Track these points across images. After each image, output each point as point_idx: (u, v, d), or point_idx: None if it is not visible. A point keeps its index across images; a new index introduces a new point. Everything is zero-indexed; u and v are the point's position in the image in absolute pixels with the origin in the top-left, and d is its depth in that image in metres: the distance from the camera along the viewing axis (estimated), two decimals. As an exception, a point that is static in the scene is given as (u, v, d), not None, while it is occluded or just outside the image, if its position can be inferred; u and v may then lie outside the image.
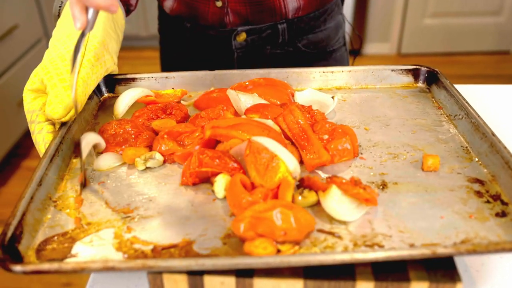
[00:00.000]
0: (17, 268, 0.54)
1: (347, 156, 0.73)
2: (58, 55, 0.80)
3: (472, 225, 0.62)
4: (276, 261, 0.54)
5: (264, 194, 0.64)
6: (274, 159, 0.67)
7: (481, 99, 1.02)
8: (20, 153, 2.49)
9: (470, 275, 0.64)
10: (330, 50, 1.14)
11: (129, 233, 0.62)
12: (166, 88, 0.94)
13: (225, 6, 1.00)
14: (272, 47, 1.07)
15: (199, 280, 0.57)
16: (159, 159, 0.74)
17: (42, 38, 2.65)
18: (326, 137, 0.75)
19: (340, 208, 0.62)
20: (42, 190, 0.66)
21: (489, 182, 0.70)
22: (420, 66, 0.95)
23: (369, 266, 0.57)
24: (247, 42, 1.05)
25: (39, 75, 0.77)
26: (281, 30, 1.04)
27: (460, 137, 0.80)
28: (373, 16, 3.37)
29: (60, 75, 0.77)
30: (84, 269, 0.54)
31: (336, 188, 0.63)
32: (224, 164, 0.69)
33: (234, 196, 0.64)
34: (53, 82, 0.76)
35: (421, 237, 0.60)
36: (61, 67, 0.78)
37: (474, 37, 3.45)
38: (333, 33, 1.13)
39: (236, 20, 1.02)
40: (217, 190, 0.67)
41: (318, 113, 0.81)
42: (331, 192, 0.63)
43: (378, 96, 0.92)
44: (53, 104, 0.74)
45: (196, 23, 1.06)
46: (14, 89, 2.37)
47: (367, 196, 0.62)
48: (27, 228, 0.61)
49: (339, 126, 0.76)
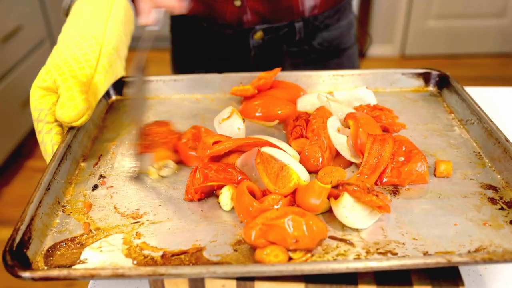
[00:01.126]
0: (26, 275, 0.53)
1: (420, 181, 0.70)
2: (72, 56, 0.79)
3: (487, 233, 0.61)
4: (288, 269, 0.53)
5: (276, 202, 0.63)
6: (284, 169, 0.67)
7: (486, 101, 1.01)
8: (24, 153, 2.49)
9: (473, 279, 0.63)
10: (343, 47, 1.15)
11: (138, 239, 0.61)
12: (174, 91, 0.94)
13: (244, 5, 0.99)
14: (289, 45, 1.08)
15: (200, 283, 0.56)
16: (173, 168, 0.73)
17: (46, 39, 2.64)
18: (401, 159, 0.71)
19: (352, 216, 0.61)
20: (51, 194, 0.65)
21: (503, 188, 0.69)
22: (431, 70, 0.94)
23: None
24: (264, 40, 1.05)
25: (52, 74, 0.76)
26: (298, 28, 1.05)
27: (473, 142, 0.79)
28: (377, 18, 3.35)
29: (75, 78, 0.76)
30: (94, 276, 0.53)
31: (348, 196, 0.62)
32: (231, 176, 0.68)
33: (242, 204, 0.63)
34: (68, 84, 0.74)
35: (434, 245, 0.59)
36: (76, 69, 0.77)
37: (478, 39, 3.44)
38: (346, 31, 1.14)
39: (254, 19, 1.02)
40: (223, 202, 0.66)
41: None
42: (343, 200, 0.62)
43: (388, 100, 0.91)
44: (66, 107, 0.73)
45: (213, 23, 1.06)
46: (18, 89, 2.36)
47: (380, 203, 0.61)
48: (35, 233, 0.60)
49: (415, 148, 0.72)
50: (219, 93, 0.94)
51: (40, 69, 0.78)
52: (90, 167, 0.75)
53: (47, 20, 2.66)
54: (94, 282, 0.64)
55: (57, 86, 0.75)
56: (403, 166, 0.69)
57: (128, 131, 0.83)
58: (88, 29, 0.83)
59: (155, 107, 0.90)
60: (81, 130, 0.78)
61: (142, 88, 0.74)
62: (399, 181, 0.69)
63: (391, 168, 0.70)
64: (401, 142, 0.73)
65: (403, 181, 0.69)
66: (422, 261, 0.54)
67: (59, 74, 0.76)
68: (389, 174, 0.69)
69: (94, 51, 0.80)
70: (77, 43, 0.81)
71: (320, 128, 0.75)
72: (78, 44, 0.81)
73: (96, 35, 0.83)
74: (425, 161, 0.70)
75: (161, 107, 0.90)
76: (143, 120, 0.75)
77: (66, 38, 0.82)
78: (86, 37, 0.82)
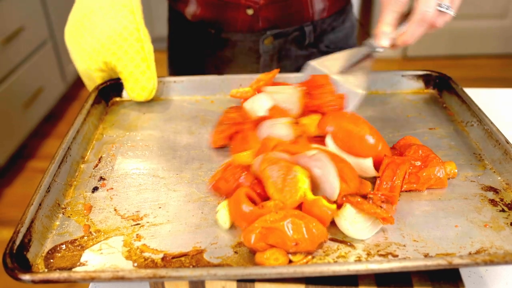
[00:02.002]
0: (26, 277, 0.53)
1: (439, 185, 0.69)
2: (120, 36, 0.80)
3: (487, 235, 0.61)
4: (289, 271, 0.53)
5: (279, 208, 0.61)
6: (291, 171, 0.63)
7: (487, 102, 1.01)
8: (25, 154, 2.49)
9: (474, 281, 0.63)
10: (347, 49, 1.15)
11: (138, 241, 0.61)
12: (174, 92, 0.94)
13: (256, 14, 0.99)
14: (298, 48, 1.08)
15: (201, 285, 0.56)
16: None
17: (48, 40, 2.64)
18: (418, 163, 0.70)
19: (354, 228, 0.60)
20: (51, 196, 0.65)
21: (504, 190, 0.68)
22: (431, 72, 0.94)
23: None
24: (274, 45, 1.05)
25: (108, 53, 0.80)
26: (307, 32, 1.05)
27: (473, 144, 0.78)
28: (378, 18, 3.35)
29: (133, 60, 0.81)
30: (94, 278, 0.53)
31: (351, 208, 0.61)
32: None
33: (236, 207, 0.61)
34: (129, 70, 0.81)
35: (435, 247, 0.59)
36: (131, 52, 0.80)
37: (480, 40, 3.43)
38: (350, 32, 1.16)
39: (265, 25, 1.02)
40: (221, 221, 0.63)
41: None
42: (345, 212, 0.61)
43: (389, 102, 0.91)
44: (136, 90, 0.82)
45: (221, 29, 1.05)
46: (20, 90, 2.37)
47: (385, 215, 0.60)
48: (35, 235, 0.60)
49: (431, 152, 0.71)
50: (219, 95, 0.93)
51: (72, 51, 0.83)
52: (90, 169, 0.75)
53: (49, 21, 2.66)
54: (95, 285, 0.64)
55: (110, 68, 0.80)
56: (421, 171, 0.68)
57: (128, 133, 0.83)
58: None
59: (154, 109, 0.90)
60: (80, 132, 0.78)
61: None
62: (418, 186, 0.68)
63: (409, 174, 0.69)
64: (418, 147, 0.72)
65: (422, 186, 0.68)
66: (423, 263, 0.54)
67: (117, 60, 0.82)
68: (407, 180, 0.68)
69: (131, 22, 0.82)
70: (113, 16, 0.81)
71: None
72: (114, 17, 0.81)
73: (125, 2, 0.84)
74: (442, 165, 0.68)
75: (160, 108, 0.90)
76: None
77: (96, 8, 0.82)
78: (117, 6, 0.82)
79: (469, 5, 3.27)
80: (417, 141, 0.75)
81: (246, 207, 0.60)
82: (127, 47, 0.80)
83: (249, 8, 0.98)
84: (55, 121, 2.75)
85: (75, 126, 0.78)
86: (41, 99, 2.56)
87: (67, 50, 0.89)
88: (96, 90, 0.89)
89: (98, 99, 0.88)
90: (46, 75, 2.63)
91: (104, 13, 0.82)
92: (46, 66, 2.63)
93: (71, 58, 0.88)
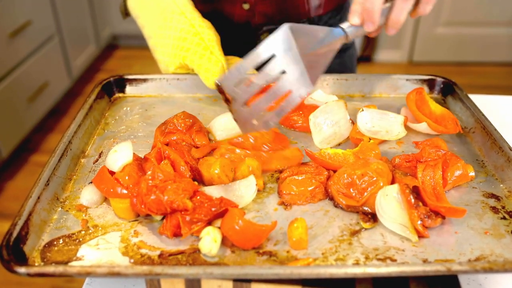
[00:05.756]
0: (22, 270, 0.53)
1: (463, 180, 0.70)
2: (181, 40, 0.87)
3: (488, 242, 0.60)
4: (286, 273, 0.53)
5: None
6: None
7: (491, 109, 1.00)
8: (29, 148, 2.49)
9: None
10: (344, 47, 1.15)
11: (136, 237, 0.61)
12: (177, 89, 0.93)
13: (252, 8, 0.99)
14: None
15: (196, 283, 0.56)
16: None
17: (55, 34, 2.65)
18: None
19: (383, 210, 0.62)
20: (50, 190, 0.65)
21: (505, 197, 0.68)
22: (435, 77, 0.93)
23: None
24: None
25: (178, 56, 0.88)
26: None
27: (476, 150, 0.78)
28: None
29: (195, 54, 0.86)
30: (90, 273, 0.53)
31: (397, 187, 0.63)
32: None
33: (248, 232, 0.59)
34: (197, 63, 0.86)
35: (434, 253, 0.58)
36: (193, 48, 0.87)
37: (487, 47, 3.42)
38: None
39: (262, 20, 1.02)
40: (206, 248, 0.58)
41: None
42: (388, 187, 0.64)
43: (392, 106, 0.90)
44: (209, 79, 0.86)
45: (218, 24, 1.05)
46: (25, 84, 2.37)
47: (419, 229, 0.60)
48: (33, 228, 0.60)
49: (448, 153, 0.72)
50: (223, 94, 0.93)
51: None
52: (90, 163, 0.74)
53: (56, 16, 2.67)
54: (90, 279, 0.64)
55: (186, 64, 0.88)
56: (445, 172, 0.69)
57: (130, 129, 0.83)
58: (166, 8, 0.90)
59: (157, 106, 0.90)
60: (82, 127, 0.78)
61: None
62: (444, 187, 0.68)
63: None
64: (438, 146, 0.73)
65: (448, 186, 0.68)
66: (421, 268, 0.53)
67: (183, 59, 0.87)
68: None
69: (184, 23, 0.89)
70: (170, 27, 0.89)
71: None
72: (171, 28, 0.89)
73: (173, 9, 0.90)
74: (461, 162, 0.69)
75: (163, 106, 0.90)
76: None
77: (156, 28, 0.91)
78: (169, 16, 0.89)
79: (476, 12, 3.26)
80: (443, 143, 0.76)
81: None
82: (188, 45, 0.87)
83: (245, 2, 0.99)
84: (59, 116, 2.75)
85: (77, 120, 0.78)
86: (46, 93, 2.56)
87: (73, 45, 0.90)
88: (99, 85, 0.89)
89: (101, 94, 0.88)
90: (52, 70, 2.63)
91: (164, 27, 0.90)
92: (52, 60, 2.64)
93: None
